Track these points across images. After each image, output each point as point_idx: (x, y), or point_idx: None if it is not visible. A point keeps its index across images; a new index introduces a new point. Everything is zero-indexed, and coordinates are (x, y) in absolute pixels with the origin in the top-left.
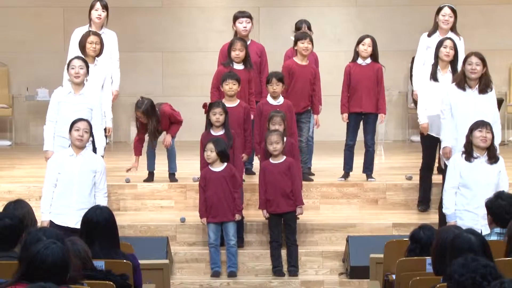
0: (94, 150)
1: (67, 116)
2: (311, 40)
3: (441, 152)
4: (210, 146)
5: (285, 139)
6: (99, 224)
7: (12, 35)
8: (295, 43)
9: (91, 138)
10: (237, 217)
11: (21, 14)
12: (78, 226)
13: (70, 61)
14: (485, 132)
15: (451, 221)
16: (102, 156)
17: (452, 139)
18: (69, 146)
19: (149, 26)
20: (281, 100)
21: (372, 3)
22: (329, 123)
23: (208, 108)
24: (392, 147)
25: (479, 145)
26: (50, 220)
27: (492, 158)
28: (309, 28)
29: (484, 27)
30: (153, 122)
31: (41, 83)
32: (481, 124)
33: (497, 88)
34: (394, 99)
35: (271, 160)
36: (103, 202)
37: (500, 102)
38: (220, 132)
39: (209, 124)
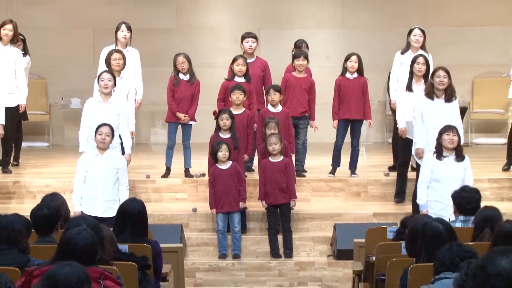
0: (123, 149)
1: (98, 122)
2: (306, 57)
3: (414, 152)
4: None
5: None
6: (133, 214)
7: (49, 52)
8: (293, 60)
9: (119, 140)
10: (241, 204)
11: (56, 34)
12: (104, 215)
13: (100, 74)
14: (452, 135)
15: (423, 210)
16: (130, 154)
17: (423, 141)
18: (96, 147)
19: (166, 45)
20: (279, 108)
21: (356, 26)
22: (319, 127)
23: (217, 114)
24: (373, 148)
25: (447, 147)
26: (81, 211)
27: (459, 156)
28: (307, 46)
29: (452, 45)
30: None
31: (74, 93)
32: (448, 128)
33: (461, 98)
34: (374, 108)
35: (270, 159)
36: (125, 194)
37: (464, 110)
38: (227, 135)
39: (218, 128)
